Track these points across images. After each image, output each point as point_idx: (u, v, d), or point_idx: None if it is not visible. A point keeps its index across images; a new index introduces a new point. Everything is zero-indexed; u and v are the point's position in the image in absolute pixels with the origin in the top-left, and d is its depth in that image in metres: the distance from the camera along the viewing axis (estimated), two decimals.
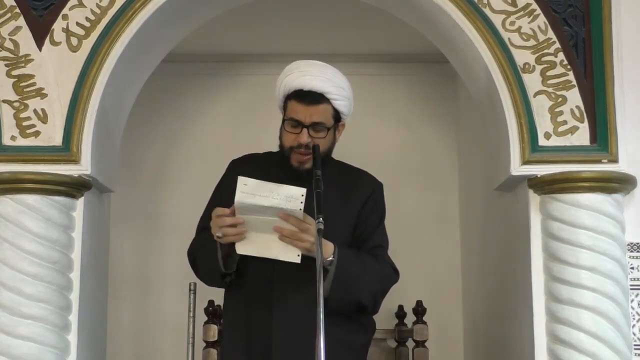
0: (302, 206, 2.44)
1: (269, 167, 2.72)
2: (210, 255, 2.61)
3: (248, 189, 2.43)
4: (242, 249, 2.53)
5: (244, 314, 2.66)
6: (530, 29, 2.87)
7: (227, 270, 2.62)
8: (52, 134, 2.81)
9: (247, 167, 2.70)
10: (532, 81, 2.85)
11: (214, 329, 3.45)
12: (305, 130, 2.62)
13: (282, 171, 2.66)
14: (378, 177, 2.84)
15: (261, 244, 2.50)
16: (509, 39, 2.87)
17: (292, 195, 2.43)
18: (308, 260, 2.47)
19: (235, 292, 2.72)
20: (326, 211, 2.39)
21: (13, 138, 2.81)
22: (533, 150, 2.82)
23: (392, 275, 2.72)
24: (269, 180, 2.48)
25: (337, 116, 2.70)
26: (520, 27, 2.87)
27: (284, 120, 2.68)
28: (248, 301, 2.66)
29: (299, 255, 2.49)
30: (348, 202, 2.72)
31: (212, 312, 3.52)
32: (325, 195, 2.50)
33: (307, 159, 2.63)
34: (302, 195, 2.43)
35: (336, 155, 2.80)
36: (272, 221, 2.46)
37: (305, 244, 2.47)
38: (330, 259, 2.55)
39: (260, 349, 2.60)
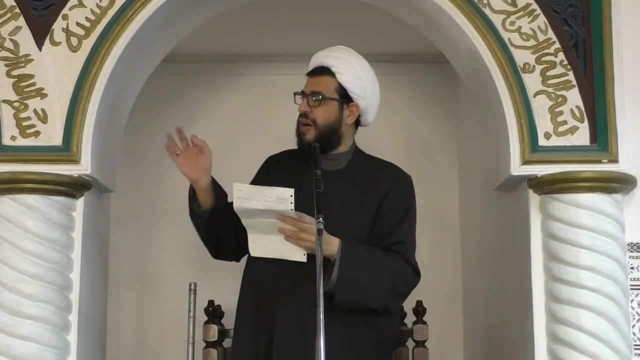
0: (292, 206, 2.47)
1: (298, 162, 2.73)
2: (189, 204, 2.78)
3: (243, 194, 2.50)
4: (254, 251, 2.60)
5: (251, 311, 2.68)
6: (530, 29, 2.87)
7: (202, 207, 2.71)
8: (52, 134, 2.81)
9: (278, 162, 2.82)
10: (532, 81, 2.85)
11: (214, 329, 3.45)
12: (304, 99, 2.71)
13: (308, 166, 2.66)
14: None
15: (270, 246, 2.56)
16: (509, 39, 2.87)
17: (282, 197, 2.47)
18: (309, 258, 2.49)
19: (245, 289, 2.75)
20: (326, 211, 2.40)
21: (13, 138, 2.81)
22: (533, 150, 2.82)
23: (409, 275, 2.66)
24: (292, 173, 2.57)
25: (344, 93, 2.71)
26: (520, 27, 2.87)
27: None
28: (255, 298, 2.68)
29: (304, 255, 2.53)
30: (367, 195, 2.70)
31: (212, 312, 3.52)
32: (339, 190, 2.53)
33: (307, 129, 2.69)
34: (291, 196, 2.47)
35: None
36: (275, 223, 2.49)
37: (307, 242, 2.49)
38: (335, 257, 2.54)
39: (262, 346, 2.60)
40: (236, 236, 2.72)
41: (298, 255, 2.53)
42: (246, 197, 2.49)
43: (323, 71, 2.73)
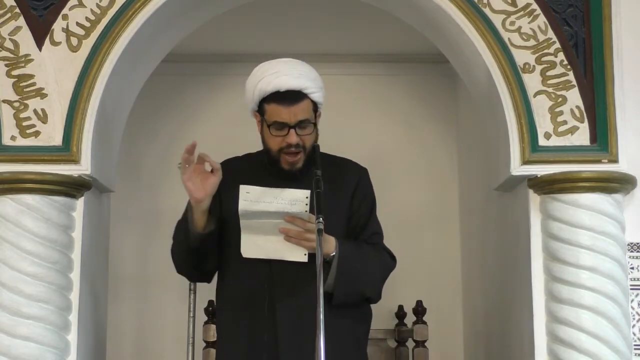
0: (307, 208, 2.45)
1: (250, 168, 2.71)
2: (180, 225, 2.67)
3: (251, 197, 2.44)
4: (247, 252, 2.54)
5: (243, 314, 2.64)
6: (530, 29, 2.87)
7: (201, 230, 2.59)
8: (52, 134, 2.81)
9: (227, 172, 2.67)
10: (532, 81, 2.85)
11: (214, 329, 3.45)
12: (292, 130, 2.58)
13: (264, 171, 2.65)
14: (378, 176, 2.84)
15: (267, 247, 2.52)
16: (509, 39, 2.87)
17: (297, 199, 2.44)
18: (309, 258, 2.48)
19: (231, 293, 2.70)
20: (326, 210, 2.40)
21: (13, 138, 2.81)
22: (533, 150, 2.82)
23: (390, 262, 2.73)
24: (254, 181, 2.50)
25: (315, 108, 2.67)
26: (520, 27, 2.87)
27: (266, 125, 2.63)
28: (247, 302, 2.65)
29: (305, 255, 2.51)
30: (337, 193, 2.69)
31: (212, 312, 3.53)
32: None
33: (298, 159, 2.61)
34: (307, 198, 2.44)
35: (335, 154, 2.80)
36: (277, 223, 2.47)
37: (312, 243, 2.46)
38: (332, 254, 2.55)
39: (264, 349, 2.58)
40: (220, 259, 2.70)
41: (298, 255, 2.51)
42: (255, 199, 2.44)
43: (298, 96, 2.60)
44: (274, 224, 2.48)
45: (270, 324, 2.58)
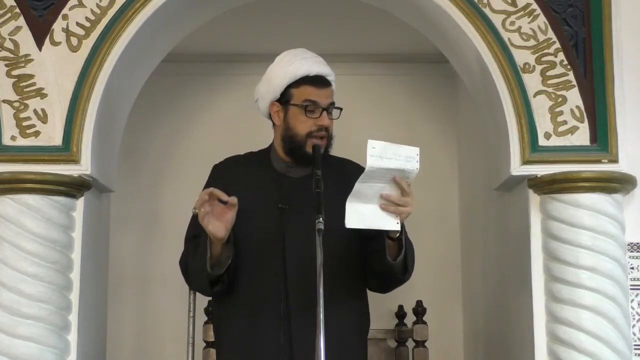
0: (418, 165, 2.40)
1: (252, 168, 2.71)
2: (199, 257, 2.55)
3: (377, 152, 2.37)
4: (350, 222, 2.43)
5: (259, 316, 2.59)
6: (530, 29, 2.87)
7: (214, 272, 2.53)
8: (52, 134, 2.81)
9: (230, 171, 2.71)
10: (532, 81, 2.85)
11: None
12: (325, 113, 2.63)
13: (265, 172, 2.66)
14: None
15: (367, 215, 2.43)
16: (509, 39, 2.87)
17: (410, 155, 2.39)
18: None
19: (243, 297, 2.64)
20: (327, 210, 2.39)
21: (13, 138, 2.81)
22: (533, 150, 2.82)
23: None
24: (252, 182, 2.52)
25: None
26: (520, 27, 2.87)
27: (295, 108, 2.64)
28: (262, 302, 2.59)
29: (398, 223, 2.46)
30: (347, 189, 2.70)
31: (213, 312, 3.52)
32: (329, 189, 2.50)
33: (324, 143, 2.63)
34: (417, 155, 2.40)
35: (337, 154, 2.80)
36: (381, 188, 2.41)
37: (409, 208, 2.43)
38: (397, 221, 2.48)
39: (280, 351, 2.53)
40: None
41: (392, 224, 2.45)
42: (380, 155, 2.37)
43: (326, 81, 2.67)
44: (379, 188, 2.40)
45: (285, 327, 2.53)
